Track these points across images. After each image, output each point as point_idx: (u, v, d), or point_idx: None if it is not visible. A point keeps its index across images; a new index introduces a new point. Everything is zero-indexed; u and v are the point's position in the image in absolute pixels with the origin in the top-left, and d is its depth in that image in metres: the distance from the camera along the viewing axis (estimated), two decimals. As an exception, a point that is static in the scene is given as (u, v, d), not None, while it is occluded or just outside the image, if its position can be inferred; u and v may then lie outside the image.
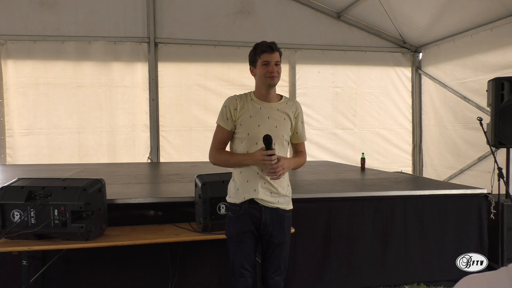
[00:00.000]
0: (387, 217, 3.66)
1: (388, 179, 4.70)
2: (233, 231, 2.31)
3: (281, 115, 2.29)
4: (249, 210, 2.27)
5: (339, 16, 7.78)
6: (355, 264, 3.58)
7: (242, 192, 2.27)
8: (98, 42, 7.03)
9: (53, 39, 6.89)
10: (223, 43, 7.36)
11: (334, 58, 7.87)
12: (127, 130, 7.19)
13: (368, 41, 7.97)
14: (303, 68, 7.77)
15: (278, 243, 2.31)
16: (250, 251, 2.31)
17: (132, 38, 7.15)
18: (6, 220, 2.66)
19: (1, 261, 2.89)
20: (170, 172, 5.36)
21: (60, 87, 6.97)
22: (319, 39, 7.80)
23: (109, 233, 2.89)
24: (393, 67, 8.09)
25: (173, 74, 7.21)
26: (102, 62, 7.10)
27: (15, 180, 2.86)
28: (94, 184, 2.80)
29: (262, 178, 2.25)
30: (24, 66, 6.92)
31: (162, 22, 7.23)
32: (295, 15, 7.69)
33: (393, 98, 8.08)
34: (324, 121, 7.85)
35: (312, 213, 3.54)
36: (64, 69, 7.01)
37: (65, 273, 3.10)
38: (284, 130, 2.29)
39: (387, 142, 8.03)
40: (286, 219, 2.33)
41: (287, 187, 2.36)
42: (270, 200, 2.27)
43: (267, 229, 2.29)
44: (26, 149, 6.89)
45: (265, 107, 2.28)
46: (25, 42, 6.84)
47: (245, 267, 2.31)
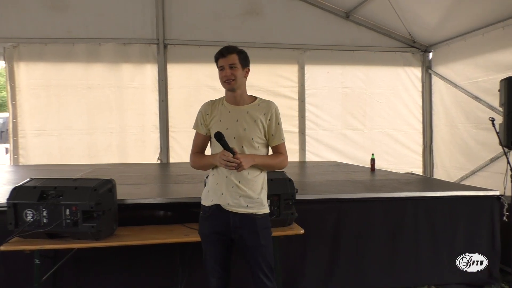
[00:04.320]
0: (397, 219, 3.63)
1: (398, 180, 4.67)
2: (202, 231, 2.35)
3: (251, 118, 2.29)
4: (217, 213, 2.27)
5: (347, 16, 7.75)
6: (364, 265, 3.56)
7: (211, 194, 2.31)
8: (108, 44, 7.09)
9: (64, 42, 6.97)
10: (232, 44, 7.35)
11: (343, 58, 7.84)
12: (137, 131, 7.23)
13: (377, 41, 7.92)
14: (312, 68, 7.75)
15: (253, 246, 2.27)
16: (219, 252, 2.31)
17: (141, 39, 7.20)
18: (19, 219, 2.70)
19: (14, 259, 2.92)
20: (179, 172, 5.39)
21: (71, 89, 7.05)
22: (327, 39, 7.78)
23: (119, 233, 2.91)
24: (403, 67, 8.03)
25: (182, 75, 7.24)
26: (112, 63, 7.16)
27: (28, 180, 2.90)
28: (104, 184, 2.83)
29: (230, 181, 2.25)
30: (36, 68, 7.01)
31: (171, 23, 7.27)
32: (303, 16, 7.68)
33: (403, 99, 8.02)
34: (333, 122, 7.82)
35: (321, 214, 3.52)
36: (74, 71, 7.09)
37: (76, 272, 3.13)
38: (254, 133, 2.28)
39: (397, 143, 7.97)
40: (259, 222, 2.27)
41: (260, 190, 2.31)
42: (239, 204, 2.25)
43: (238, 232, 2.27)
44: (38, 150, 6.98)
45: (235, 110, 2.31)
46: (37, 45, 6.92)
47: (215, 268, 2.32)
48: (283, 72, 7.68)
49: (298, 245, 3.41)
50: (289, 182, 3.06)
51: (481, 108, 6.47)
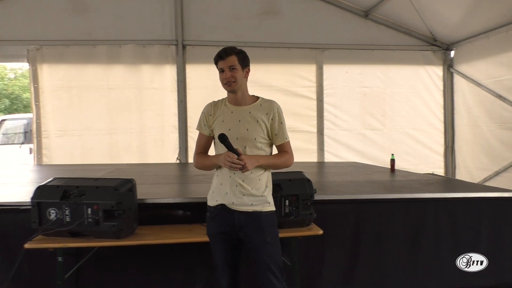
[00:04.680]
0: (418, 220, 3.57)
1: (418, 180, 4.59)
2: (209, 231, 2.38)
3: (253, 118, 2.30)
4: (222, 213, 2.29)
5: (366, 14, 7.67)
6: (384, 267, 3.52)
7: (216, 195, 2.33)
8: (127, 45, 7.19)
9: (85, 44, 7.10)
10: (250, 44, 7.35)
11: (362, 58, 7.76)
12: (156, 131, 7.32)
13: (397, 39, 7.81)
14: (330, 68, 7.70)
15: (258, 244, 2.26)
16: (227, 252, 2.33)
17: (160, 41, 7.27)
18: (43, 218, 2.76)
19: (38, 257, 2.98)
20: (198, 172, 5.36)
21: (92, 90, 7.17)
22: (346, 39, 7.71)
23: (140, 232, 2.95)
24: (424, 65, 7.89)
25: (200, 75, 7.29)
26: (131, 65, 7.26)
27: (51, 179, 2.96)
28: (125, 184, 2.87)
29: (234, 181, 2.27)
30: (58, 69, 7.16)
31: (190, 24, 7.32)
32: (321, 15, 7.63)
33: (423, 98, 7.89)
34: (352, 122, 7.76)
35: (340, 214, 3.50)
36: (95, 72, 7.22)
37: (98, 270, 3.18)
38: (256, 133, 2.29)
39: (418, 143, 7.84)
40: (264, 219, 2.28)
41: (265, 188, 2.32)
42: (243, 203, 2.26)
43: (244, 231, 2.28)
44: (60, 150, 7.13)
45: (237, 111, 2.33)
46: (59, 47, 7.07)
47: (224, 268, 2.34)
48: (301, 72, 7.65)
49: (317, 246, 3.39)
50: (307, 183, 3.05)
51: (505, 107, 6.32)
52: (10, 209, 3.17)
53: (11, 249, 3.04)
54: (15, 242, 2.95)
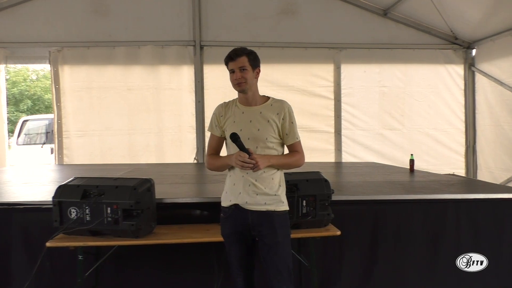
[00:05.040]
0: (438, 222, 3.51)
1: (439, 181, 4.51)
2: (224, 232, 2.40)
3: (264, 118, 2.31)
4: (236, 213, 2.31)
5: (385, 13, 7.57)
6: (403, 269, 3.46)
7: (229, 195, 2.35)
8: (146, 46, 7.27)
9: (105, 45, 7.22)
10: (267, 44, 7.38)
11: (381, 57, 7.67)
12: (174, 131, 7.39)
13: (416, 38, 7.70)
14: (348, 67, 7.64)
15: (270, 244, 2.27)
16: (240, 253, 2.34)
17: (178, 41, 7.33)
18: (64, 217, 2.81)
19: (59, 255, 3.03)
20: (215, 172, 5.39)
21: (112, 91, 7.28)
22: (364, 38, 7.64)
23: (158, 231, 2.98)
24: (444, 64, 7.76)
25: (218, 76, 7.32)
26: (150, 65, 7.34)
27: (72, 179, 3.01)
28: (143, 184, 2.90)
29: (247, 180, 2.28)
30: (79, 71, 7.29)
31: (207, 25, 7.37)
32: (339, 14, 7.58)
33: (444, 97, 7.75)
34: (370, 122, 7.68)
35: (358, 215, 3.46)
36: (115, 73, 7.32)
37: (117, 268, 3.23)
38: (267, 133, 2.30)
39: (438, 143, 7.71)
40: (277, 219, 2.29)
41: (277, 187, 2.32)
42: (256, 202, 2.27)
43: (257, 230, 2.29)
44: (81, 150, 7.25)
45: (248, 111, 2.34)
46: (80, 49, 7.20)
47: (238, 268, 2.35)
48: (318, 72, 7.61)
49: (335, 247, 3.36)
50: (325, 183, 3.03)
51: (528, 107, 6.17)
52: (32, 208, 3.23)
53: (33, 247, 3.10)
54: (37, 240, 3.02)
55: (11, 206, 3.25)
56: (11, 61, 7.92)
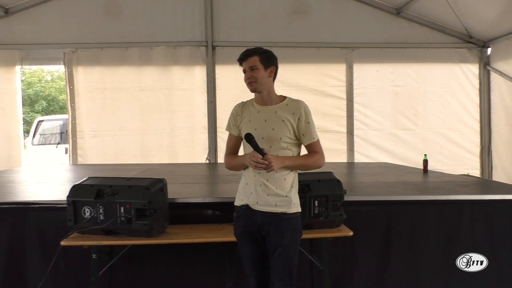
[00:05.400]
0: (453, 223, 3.46)
1: (453, 182, 4.45)
2: (236, 232, 2.42)
3: (279, 118, 2.30)
4: (247, 213, 2.33)
5: (398, 12, 7.50)
6: (417, 270, 3.42)
7: (242, 195, 2.38)
8: (159, 47, 7.32)
9: (118, 46, 7.29)
10: (279, 44, 7.36)
11: (394, 56, 7.61)
12: (186, 132, 7.42)
13: (430, 37, 7.61)
14: (361, 67, 7.59)
15: (276, 246, 2.27)
16: (251, 253, 2.35)
17: (190, 42, 7.37)
18: (78, 216, 2.84)
19: (73, 254, 3.07)
20: (227, 172, 5.40)
21: (125, 91, 7.35)
22: (377, 37, 7.58)
23: (170, 231, 2.99)
24: (458, 63, 7.66)
25: (230, 76, 7.33)
26: (162, 66, 7.39)
27: (86, 178, 3.04)
28: (156, 184, 2.91)
29: (258, 180, 2.29)
30: (93, 71, 7.38)
31: (219, 25, 7.39)
32: (351, 13, 7.53)
33: (458, 97, 7.65)
34: (383, 122, 7.62)
35: (371, 216, 3.43)
36: (128, 74, 7.39)
37: (130, 267, 3.25)
38: (282, 133, 2.28)
39: (452, 143, 7.61)
40: (286, 222, 2.27)
41: (290, 188, 2.30)
42: (267, 203, 2.27)
43: (265, 230, 2.30)
44: (94, 150, 7.34)
45: (263, 111, 2.35)
46: (93, 50, 7.29)
47: (250, 268, 2.36)
48: (330, 72, 7.58)
49: (347, 247, 3.34)
50: (337, 183, 3.01)
51: (546, 106, 6.04)
52: (47, 207, 3.27)
53: (48, 246, 3.14)
54: (52, 239, 3.06)
55: (26, 205, 3.29)
56: (26, 62, 8.04)
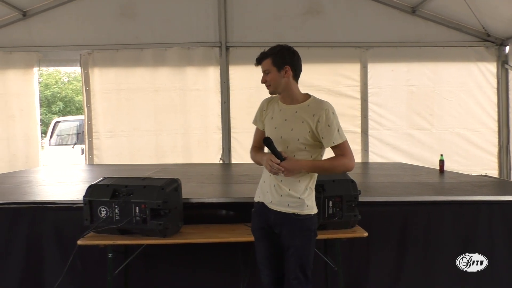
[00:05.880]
0: (470, 224, 3.40)
1: (470, 182, 4.38)
2: (252, 226, 2.44)
3: (299, 118, 2.25)
4: (262, 210, 2.34)
5: (414, 11, 7.41)
6: (433, 272, 3.38)
7: (259, 191, 2.40)
8: (173, 48, 7.37)
9: (133, 47, 7.35)
10: (292, 44, 7.16)
11: (409, 55, 7.51)
12: (200, 132, 7.46)
13: (446, 35, 7.50)
14: (375, 66, 7.52)
15: (288, 246, 2.27)
16: (266, 248, 2.36)
17: (204, 43, 7.40)
18: (94, 216, 2.88)
19: (90, 253, 3.11)
20: (241, 172, 5.47)
21: (139, 92, 7.41)
22: (392, 36, 7.50)
23: (185, 230, 3.01)
24: (476, 62, 7.52)
25: (243, 76, 7.34)
26: (176, 67, 7.44)
27: (102, 179, 3.08)
28: (171, 184, 2.93)
29: (273, 180, 2.29)
30: (108, 73, 7.46)
31: (233, 26, 7.40)
32: (366, 12, 7.47)
33: (475, 96, 7.52)
34: (398, 121, 7.53)
35: (386, 217, 3.40)
36: (142, 75, 7.46)
37: (145, 267, 3.29)
38: (300, 134, 2.23)
39: (469, 143, 7.49)
40: (299, 223, 2.25)
41: (304, 190, 2.26)
42: (280, 203, 2.27)
43: (278, 229, 2.30)
44: (110, 150, 7.42)
45: (285, 110, 2.32)
46: (109, 51, 7.37)
47: (263, 263, 2.37)
48: (344, 71, 7.53)
49: (361, 248, 3.32)
50: (351, 184, 2.99)
51: None
52: (64, 206, 3.33)
53: (65, 244, 3.19)
54: (68, 238, 3.10)
55: (44, 205, 3.35)
56: (43, 64, 8.18)
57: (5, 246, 3.30)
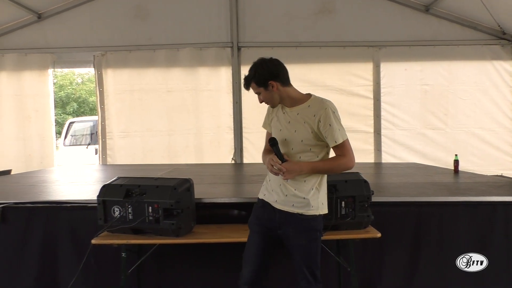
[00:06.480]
0: (485, 225, 3.35)
1: (486, 183, 4.31)
2: (251, 218, 2.48)
3: (300, 120, 2.30)
4: (266, 207, 2.37)
5: (427, 9, 7.33)
6: (448, 274, 3.33)
7: (264, 189, 2.44)
8: (185, 49, 7.41)
9: (145, 48, 7.41)
10: (304, 44, 7.34)
11: (422, 54, 7.42)
12: (212, 132, 7.48)
13: (460, 34, 7.40)
14: (388, 66, 7.45)
15: (294, 245, 2.32)
16: (255, 243, 2.38)
17: (216, 43, 7.42)
18: (108, 215, 2.91)
19: (104, 252, 3.14)
20: (253, 173, 5.47)
21: (152, 93, 7.47)
22: (405, 35, 7.42)
23: (197, 230, 3.02)
24: (491, 61, 7.40)
25: (255, 77, 7.35)
26: (189, 67, 7.48)
27: (115, 178, 3.11)
28: (183, 184, 2.95)
29: (278, 180, 2.32)
30: (121, 74, 7.53)
31: (245, 26, 7.41)
32: (378, 11, 7.41)
33: (491, 95, 7.40)
34: (411, 121, 7.46)
35: (399, 217, 3.36)
36: (155, 76, 7.51)
37: (158, 266, 3.31)
38: (303, 135, 2.27)
39: (484, 143, 7.37)
40: (304, 222, 2.28)
41: (309, 190, 2.28)
42: (285, 202, 2.30)
43: (283, 229, 2.32)
44: (123, 151, 7.49)
45: (288, 112, 2.36)
46: (122, 52, 7.44)
47: (251, 258, 2.38)
48: (357, 71, 7.48)
49: (375, 249, 3.29)
50: (364, 184, 2.97)
51: None
52: (78, 206, 3.37)
53: (79, 244, 3.23)
54: (83, 237, 3.14)
55: (58, 205, 3.39)
56: (58, 65, 8.30)
57: (21, 245, 3.35)
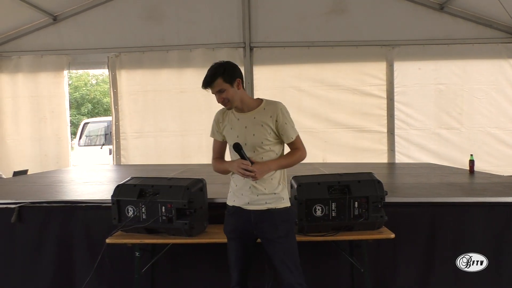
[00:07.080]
0: (502, 227, 3.29)
1: (502, 183, 4.24)
2: (225, 229, 2.51)
3: (258, 123, 2.37)
4: (238, 212, 2.42)
5: (442, 7, 7.24)
6: (463, 276, 3.28)
7: (233, 195, 2.47)
8: (198, 49, 7.45)
9: (159, 49, 7.48)
10: (317, 44, 7.32)
11: (436, 53, 7.34)
12: (224, 132, 7.50)
13: (475, 32, 7.29)
14: (402, 65, 7.39)
15: (272, 239, 2.36)
16: (238, 249, 2.44)
17: (228, 44, 7.45)
18: (122, 215, 2.94)
19: (118, 251, 3.16)
20: (265, 173, 5.45)
21: (165, 93, 7.53)
22: (419, 34, 7.34)
23: (210, 230, 3.04)
24: (507, 59, 7.28)
25: (267, 77, 7.35)
26: (201, 68, 7.44)
27: (129, 179, 3.14)
28: (196, 184, 2.97)
29: (248, 182, 2.37)
30: (135, 75, 7.62)
31: (257, 26, 7.42)
32: (391, 10, 7.34)
33: (507, 94, 7.28)
34: (425, 121, 7.38)
35: (414, 218, 3.33)
36: (168, 77, 7.57)
37: (171, 265, 3.33)
38: (262, 137, 2.36)
39: (501, 143, 7.25)
40: (278, 215, 2.37)
41: (277, 185, 2.40)
42: (257, 202, 2.36)
43: (258, 227, 2.37)
44: (137, 151, 7.57)
45: (242, 118, 2.42)
46: (135, 53, 7.52)
47: (237, 262, 2.45)
48: (370, 70, 7.43)
49: (388, 250, 3.26)
50: (377, 184, 2.94)
51: None
52: (93, 206, 3.41)
53: (94, 243, 3.26)
54: (97, 236, 3.18)
55: (73, 204, 3.45)
56: (73, 67, 8.42)
57: (38, 244, 3.41)
